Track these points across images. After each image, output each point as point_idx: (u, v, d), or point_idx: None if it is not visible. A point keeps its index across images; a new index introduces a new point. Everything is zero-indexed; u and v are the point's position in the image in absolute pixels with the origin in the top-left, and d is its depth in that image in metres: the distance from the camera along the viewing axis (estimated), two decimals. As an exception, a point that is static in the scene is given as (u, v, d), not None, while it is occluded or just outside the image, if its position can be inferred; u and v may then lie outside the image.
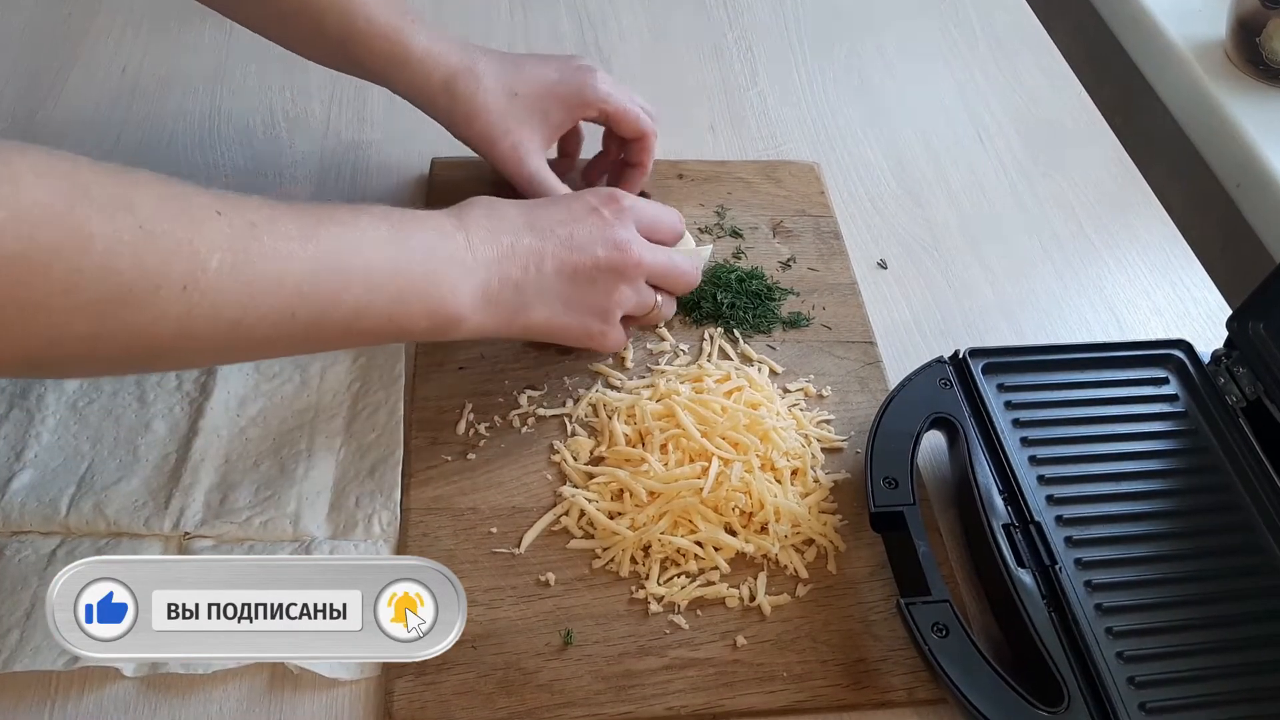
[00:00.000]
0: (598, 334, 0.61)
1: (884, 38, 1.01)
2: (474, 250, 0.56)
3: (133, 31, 0.90)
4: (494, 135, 0.68)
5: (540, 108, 0.69)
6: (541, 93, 0.69)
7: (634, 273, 0.61)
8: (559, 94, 0.69)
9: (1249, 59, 0.99)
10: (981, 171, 0.89)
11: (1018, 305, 0.78)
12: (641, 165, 0.75)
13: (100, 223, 0.42)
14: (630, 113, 0.72)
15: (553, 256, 0.58)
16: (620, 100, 0.71)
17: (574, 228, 0.59)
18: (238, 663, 0.53)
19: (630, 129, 0.72)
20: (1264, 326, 0.66)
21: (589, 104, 0.70)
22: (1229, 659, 0.56)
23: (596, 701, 0.54)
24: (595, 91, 0.70)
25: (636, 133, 0.73)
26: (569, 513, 0.61)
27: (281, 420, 0.64)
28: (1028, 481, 0.62)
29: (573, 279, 0.59)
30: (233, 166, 0.80)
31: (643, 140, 0.74)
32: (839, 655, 0.57)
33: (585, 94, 0.70)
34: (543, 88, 0.69)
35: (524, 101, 0.68)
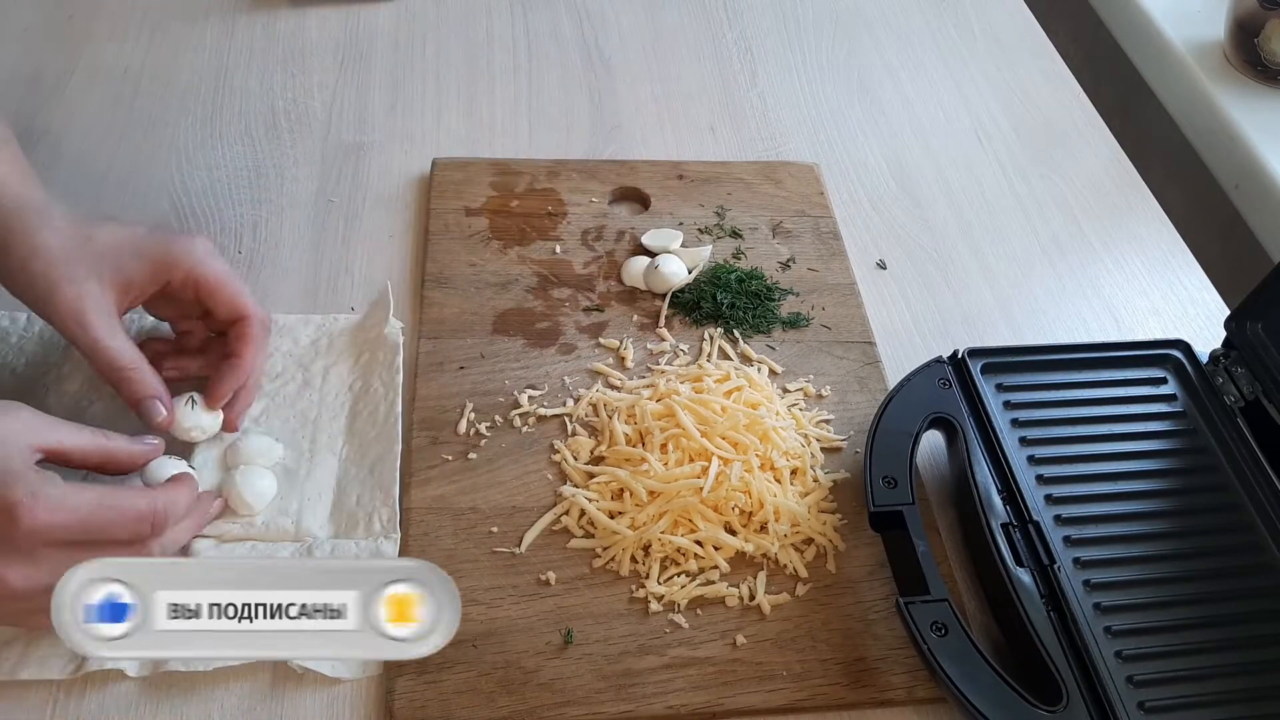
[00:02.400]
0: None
1: (884, 39, 1.01)
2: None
3: (134, 32, 0.90)
4: (54, 279, 0.55)
5: (114, 259, 0.57)
6: (122, 244, 0.58)
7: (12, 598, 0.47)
8: (144, 249, 0.58)
9: (1248, 60, 0.99)
10: (980, 172, 0.89)
11: (1016, 305, 0.78)
12: (237, 356, 0.61)
13: None
14: (227, 285, 0.60)
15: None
16: (220, 271, 0.60)
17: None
18: (240, 661, 0.54)
19: (225, 306, 0.60)
20: (1262, 327, 0.66)
21: (177, 264, 0.58)
22: (1227, 658, 0.56)
23: (597, 700, 0.54)
24: (190, 254, 0.59)
25: (233, 311, 0.60)
26: (569, 512, 0.61)
27: (284, 420, 0.64)
28: (1026, 481, 0.62)
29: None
30: (234, 167, 0.80)
31: (242, 324, 0.61)
32: (838, 654, 0.57)
33: (176, 255, 0.58)
34: (125, 240, 0.58)
35: (97, 249, 0.57)
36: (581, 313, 0.72)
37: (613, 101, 0.90)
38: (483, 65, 0.92)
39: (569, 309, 0.72)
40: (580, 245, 0.76)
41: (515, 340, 0.70)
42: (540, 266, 0.75)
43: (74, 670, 0.52)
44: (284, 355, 0.67)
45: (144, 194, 0.77)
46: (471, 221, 0.77)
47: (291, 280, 0.73)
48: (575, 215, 0.78)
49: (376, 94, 0.88)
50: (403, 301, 0.71)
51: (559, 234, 0.77)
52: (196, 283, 0.59)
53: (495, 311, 0.71)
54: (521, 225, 0.77)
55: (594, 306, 0.72)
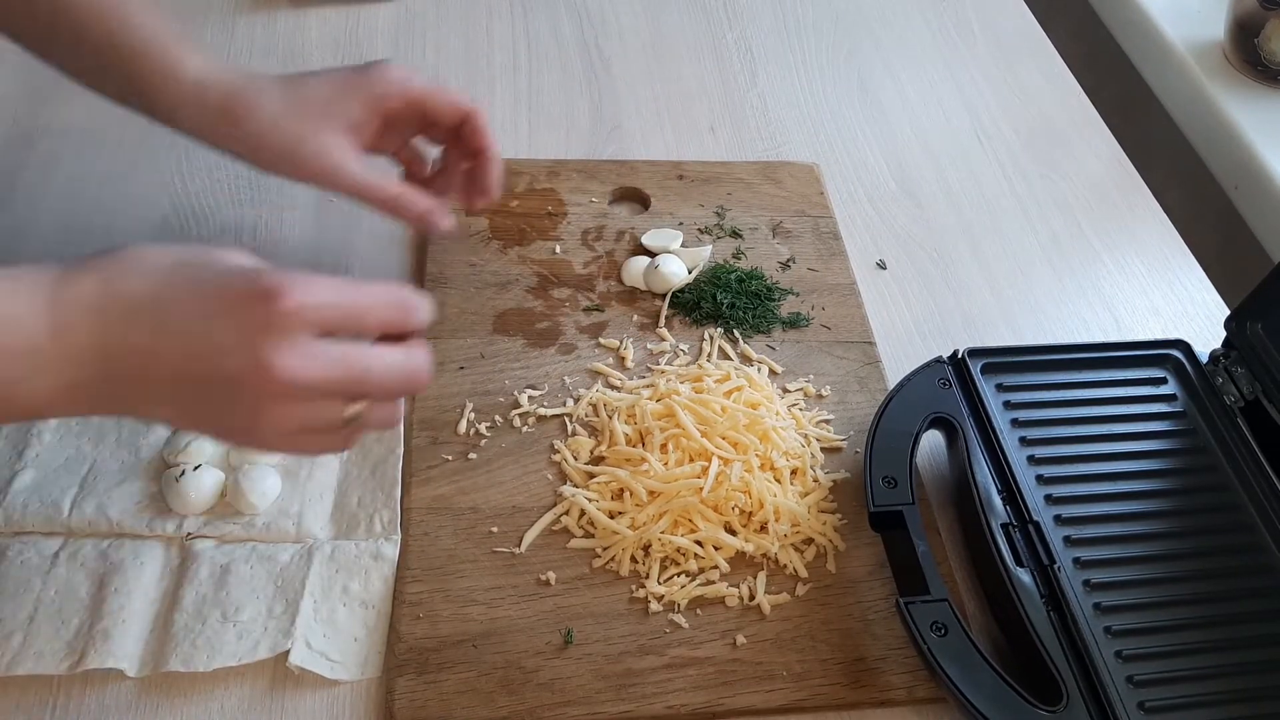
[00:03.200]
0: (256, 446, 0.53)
1: (884, 39, 1.01)
2: (60, 340, 0.43)
3: (134, 32, 0.90)
4: (291, 147, 0.59)
5: (334, 108, 0.60)
6: (332, 92, 0.60)
7: (284, 394, 0.45)
8: (351, 88, 0.60)
9: (1247, 60, 0.99)
10: (980, 172, 0.89)
11: (1016, 305, 0.78)
12: (484, 150, 0.63)
13: None
14: (440, 91, 0.62)
15: (168, 362, 0.44)
16: (424, 81, 0.62)
17: (209, 326, 0.44)
18: (239, 661, 0.54)
19: (448, 109, 0.62)
20: (1262, 327, 0.66)
21: (387, 93, 0.61)
22: (1227, 658, 0.56)
23: (597, 700, 0.54)
24: (390, 76, 0.61)
25: (457, 112, 0.62)
26: (569, 512, 0.61)
27: (283, 420, 0.64)
28: (1026, 481, 0.62)
29: (196, 394, 0.45)
30: (234, 167, 0.80)
31: (470, 120, 0.63)
32: (838, 654, 0.57)
33: (380, 84, 0.61)
34: (332, 86, 0.60)
35: (315, 105, 0.59)
36: (581, 313, 0.72)
37: (613, 101, 0.90)
38: (483, 65, 0.92)
39: (569, 309, 0.72)
40: (580, 245, 0.76)
41: (515, 340, 0.70)
42: (540, 266, 0.75)
43: (70, 667, 0.52)
44: (284, 355, 0.67)
45: (144, 194, 0.77)
46: (471, 221, 0.77)
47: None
48: (575, 215, 0.78)
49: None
50: (403, 301, 0.71)
51: (559, 234, 0.77)
52: (413, 101, 0.61)
53: (495, 311, 0.71)
54: (521, 225, 0.77)
55: (594, 306, 0.72)
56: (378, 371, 0.47)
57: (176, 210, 0.76)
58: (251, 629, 0.54)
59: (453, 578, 0.58)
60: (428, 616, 0.56)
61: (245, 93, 0.58)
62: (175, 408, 0.46)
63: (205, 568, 0.56)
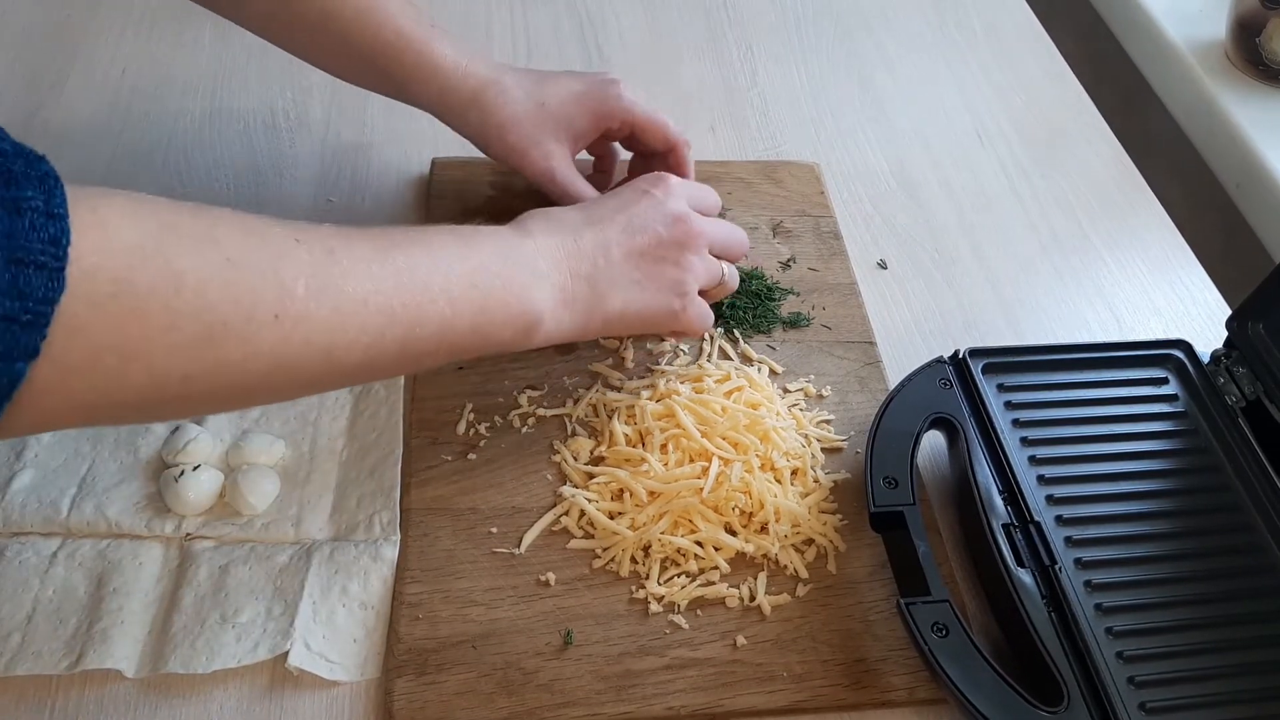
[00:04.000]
0: (679, 310, 0.61)
1: (884, 38, 1.01)
2: (541, 254, 0.56)
3: (132, 32, 0.90)
4: (524, 146, 0.68)
5: (566, 117, 0.69)
6: (567, 102, 0.69)
7: (698, 242, 0.61)
8: (585, 103, 0.69)
9: (1249, 59, 0.99)
10: (981, 172, 0.89)
11: (1017, 305, 0.78)
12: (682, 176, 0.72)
13: (189, 259, 0.41)
14: (657, 121, 0.71)
15: (617, 244, 0.59)
16: (646, 110, 0.71)
17: (630, 213, 0.60)
18: (238, 663, 0.53)
19: (658, 138, 0.71)
20: (1263, 326, 0.66)
21: (613, 113, 0.70)
22: (1229, 659, 0.56)
23: (597, 701, 0.54)
24: (620, 100, 0.70)
25: (665, 143, 0.72)
26: (569, 513, 0.61)
27: (284, 422, 0.64)
28: (1027, 481, 0.62)
29: (640, 260, 0.59)
30: (233, 167, 0.80)
31: (675, 151, 0.72)
32: (839, 655, 0.57)
33: (610, 103, 0.70)
34: (569, 97, 0.69)
35: (551, 112, 0.68)
36: (581, 313, 0.72)
37: (613, 101, 0.90)
38: (482, 65, 0.92)
39: (569, 309, 0.72)
40: (580, 245, 0.76)
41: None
42: (540, 266, 0.74)
43: (69, 667, 0.52)
44: (283, 355, 0.67)
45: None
46: (472, 221, 0.76)
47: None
48: (575, 215, 0.78)
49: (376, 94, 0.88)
50: (402, 301, 0.71)
51: (559, 234, 0.77)
52: (632, 125, 0.71)
53: (495, 311, 0.71)
54: (521, 225, 0.77)
55: (594, 306, 0.72)
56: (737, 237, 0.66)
57: (176, 210, 0.76)
58: (250, 630, 0.54)
59: (452, 578, 0.58)
60: (427, 617, 0.56)
61: (495, 87, 0.67)
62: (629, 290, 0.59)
63: (204, 568, 0.56)
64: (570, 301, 0.57)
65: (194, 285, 0.41)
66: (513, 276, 0.54)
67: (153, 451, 0.61)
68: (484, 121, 0.67)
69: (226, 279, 0.42)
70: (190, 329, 0.41)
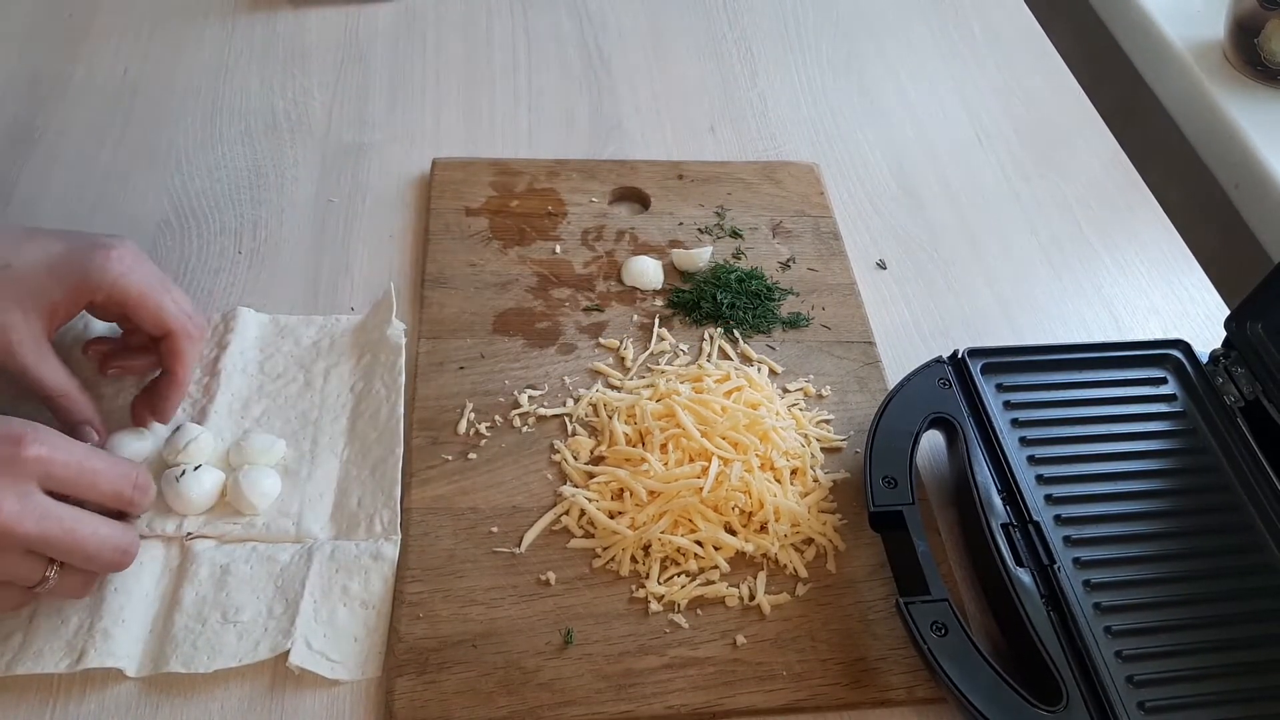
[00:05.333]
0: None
1: (884, 39, 1.01)
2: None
3: (134, 32, 0.90)
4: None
5: (35, 285, 0.56)
6: (38, 268, 0.57)
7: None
8: (59, 271, 0.57)
9: (1247, 60, 0.99)
10: (980, 172, 0.89)
11: (1016, 305, 0.78)
12: (169, 373, 0.61)
13: None
14: (150, 299, 0.59)
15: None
16: (138, 284, 0.58)
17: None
18: (239, 662, 0.54)
19: (151, 322, 0.59)
20: (1262, 327, 0.66)
21: (95, 286, 0.57)
22: (1227, 658, 0.56)
23: (597, 700, 0.54)
24: (104, 271, 0.57)
25: (158, 327, 0.60)
26: (569, 512, 0.61)
27: (285, 422, 0.64)
28: (1026, 481, 0.62)
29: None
30: (234, 167, 0.80)
31: (170, 340, 0.60)
32: (838, 654, 0.57)
33: (90, 272, 0.57)
34: (41, 261, 0.57)
35: (18, 276, 0.56)
36: (581, 313, 0.72)
37: (613, 101, 0.90)
38: (483, 65, 0.92)
39: (569, 309, 0.72)
40: (580, 245, 0.76)
41: (515, 340, 0.70)
42: (540, 266, 0.75)
43: (70, 665, 0.52)
44: (285, 356, 0.67)
45: (144, 194, 0.77)
46: (471, 221, 0.77)
47: (291, 281, 0.73)
48: (575, 215, 0.78)
49: (376, 94, 0.88)
50: (403, 302, 0.71)
51: (559, 234, 0.77)
52: (118, 301, 0.58)
53: (495, 311, 0.71)
54: (521, 225, 0.77)
55: (594, 306, 0.72)
56: (90, 539, 0.49)
57: (176, 210, 0.76)
58: (251, 629, 0.54)
59: (453, 578, 0.58)
60: (428, 617, 0.56)
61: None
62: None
63: (205, 568, 0.56)
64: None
65: None
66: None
67: (154, 451, 0.61)
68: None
69: None
70: None
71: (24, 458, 0.46)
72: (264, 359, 0.67)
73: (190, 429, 0.61)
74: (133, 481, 0.53)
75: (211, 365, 0.65)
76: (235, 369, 0.65)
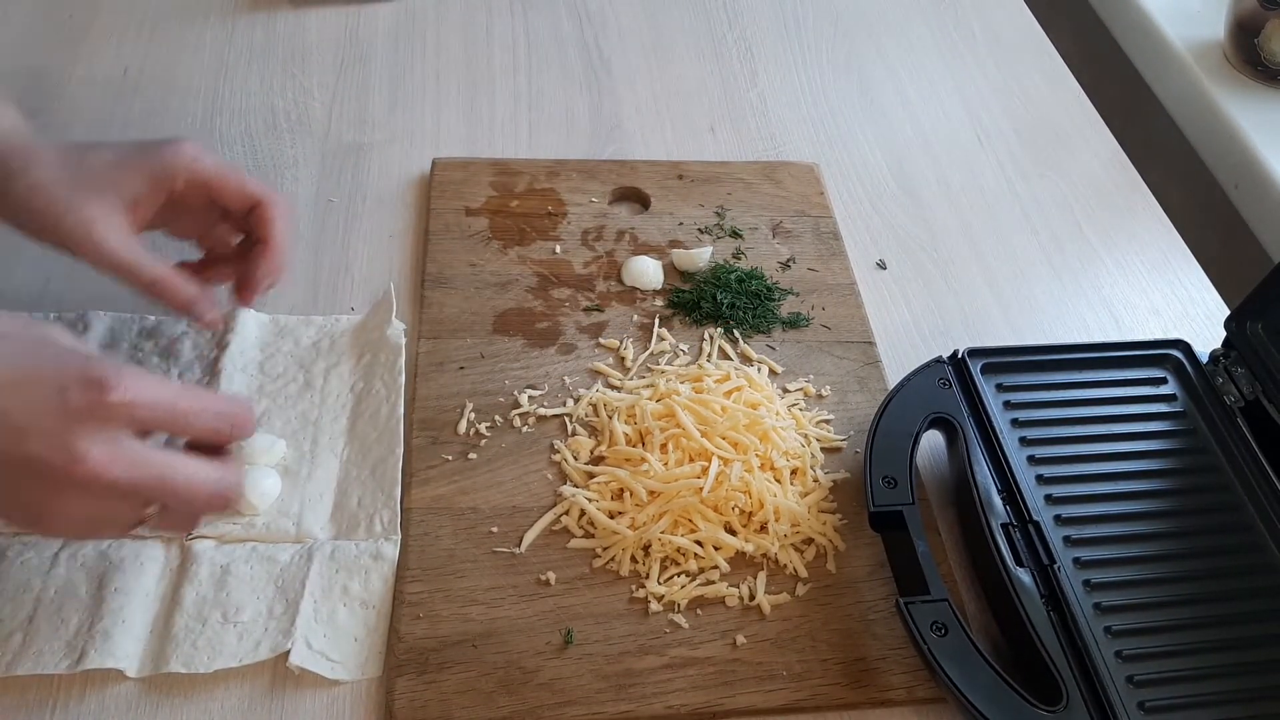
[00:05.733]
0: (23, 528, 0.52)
1: (884, 39, 1.01)
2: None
3: (134, 32, 0.90)
4: (56, 212, 0.56)
5: (112, 180, 0.57)
6: (113, 164, 0.58)
7: (84, 486, 0.45)
8: (134, 163, 0.58)
9: (1247, 60, 0.99)
10: (980, 172, 0.89)
11: (1016, 305, 0.78)
12: (266, 241, 0.61)
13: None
14: (228, 174, 0.60)
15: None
16: (213, 164, 0.60)
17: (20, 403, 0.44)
18: (239, 662, 0.54)
19: (235, 196, 0.60)
20: (1262, 327, 0.66)
21: (172, 172, 0.58)
22: (1227, 658, 0.56)
23: (597, 700, 0.54)
24: (177, 157, 0.59)
25: (244, 199, 0.61)
26: (569, 512, 0.61)
27: (285, 422, 0.64)
28: (1026, 481, 0.62)
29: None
30: (234, 167, 0.80)
31: (260, 209, 0.61)
32: (838, 654, 0.57)
33: (165, 161, 0.58)
34: (115, 159, 0.58)
35: (94, 174, 0.57)
36: (581, 313, 0.72)
37: (613, 101, 0.90)
38: (483, 65, 0.92)
39: (569, 309, 0.72)
40: (580, 245, 0.76)
41: (515, 340, 0.70)
42: (540, 266, 0.75)
43: (70, 666, 0.52)
44: (285, 356, 0.67)
45: (144, 194, 0.77)
46: (471, 221, 0.77)
47: (291, 280, 0.73)
48: (575, 215, 0.78)
49: (376, 94, 0.88)
50: (403, 301, 0.71)
51: (559, 234, 0.77)
52: (200, 183, 0.59)
53: (495, 311, 0.71)
54: (521, 225, 0.77)
55: (594, 306, 0.72)
56: (182, 486, 0.48)
57: (176, 210, 0.76)
58: (252, 629, 0.55)
59: (453, 578, 0.58)
60: (428, 616, 0.56)
61: (20, 154, 0.56)
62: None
63: (205, 568, 0.56)
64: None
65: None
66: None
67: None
68: (5, 190, 0.56)
69: None
70: None
71: (110, 403, 0.45)
72: (264, 359, 0.67)
73: None
74: (231, 420, 0.50)
75: (211, 365, 0.65)
76: (235, 369, 0.65)
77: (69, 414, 0.44)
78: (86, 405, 0.44)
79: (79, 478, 0.44)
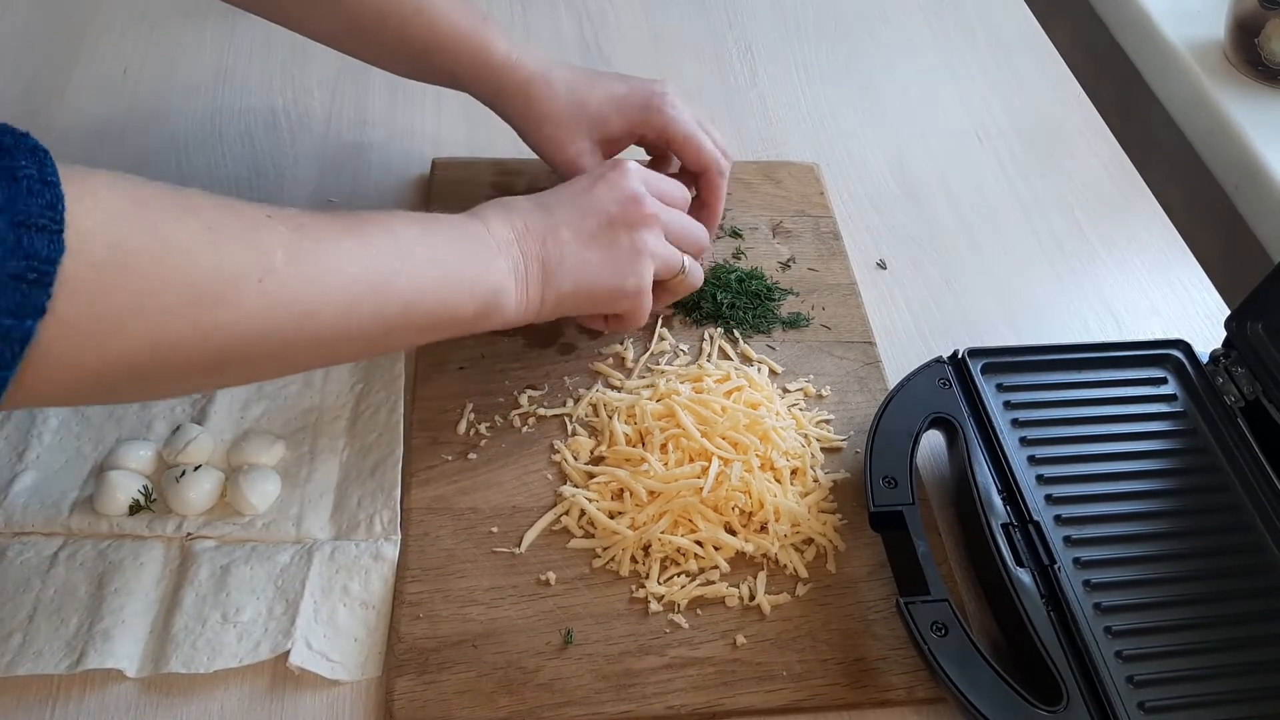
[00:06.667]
0: (630, 291, 0.61)
1: (884, 38, 1.01)
2: (494, 237, 0.58)
3: (134, 31, 0.90)
4: (560, 140, 0.69)
5: (602, 119, 0.69)
6: (606, 105, 0.69)
7: (649, 221, 0.61)
8: (622, 106, 0.69)
9: (1248, 60, 0.99)
10: (981, 172, 0.89)
11: (1017, 305, 0.78)
12: (708, 206, 0.72)
13: (172, 226, 0.43)
14: (694, 139, 0.70)
15: (567, 225, 0.60)
16: (686, 125, 0.70)
17: (581, 196, 0.61)
18: (239, 662, 0.54)
19: (692, 158, 0.71)
20: (1262, 327, 0.66)
21: (650, 123, 0.70)
22: (1228, 658, 0.56)
23: (597, 700, 0.54)
24: (661, 113, 0.69)
25: (698, 164, 0.71)
26: (569, 512, 0.61)
27: (285, 422, 0.64)
28: (1026, 481, 0.62)
29: (592, 240, 0.60)
30: (234, 166, 0.80)
31: (706, 176, 0.71)
32: (838, 654, 0.57)
33: (649, 113, 0.69)
34: (608, 100, 0.69)
35: (589, 112, 0.69)
36: (581, 313, 0.72)
37: (613, 101, 0.90)
38: (483, 65, 0.92)
39: (569, 309, 0.72)
40: (580, 245, 0.76)
41: (515, 340, 0.70)
42: (540, 266, 0.74)
43: (70, 666, 0.52)
44: (284, 355, 0.67)
45: (144, 194, 0.77)
46: (471, 221, 0.77)
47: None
48: (575, 215, 0.78)
49: (376, 94, 0.88)
50: (403, 301, 0.71)
51: (559, 234, 0.77)
52: (668, 138, 0.70)
53: (495, 311, 0.71)
54: (521, 225, 0.77)
55: (594, 306, 0.72)
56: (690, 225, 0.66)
57: (176, 210, 0.76)
58: (252, 630, 0.54)
59: (453, 578, 0.58)
60: (428, 617, 0.56)
61: (541, 81, 0.68)
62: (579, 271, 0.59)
63: (205, 568, 0.56)
64: (524, 280, 0.58)
65: (179, 249, 0.43)
66: (468, 257, 0.56)
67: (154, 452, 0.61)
68: (525, 114, 0.69)
69: (209, 244, 0.44)
70: (180, 290, 0.43)
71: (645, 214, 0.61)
72: (264, 359, 0.67)
73: (190, 429, 0.61)
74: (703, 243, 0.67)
75: (211, 365, 0.65)
76: (235, 369, 0.65)
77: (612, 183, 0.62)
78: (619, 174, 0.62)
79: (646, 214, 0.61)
